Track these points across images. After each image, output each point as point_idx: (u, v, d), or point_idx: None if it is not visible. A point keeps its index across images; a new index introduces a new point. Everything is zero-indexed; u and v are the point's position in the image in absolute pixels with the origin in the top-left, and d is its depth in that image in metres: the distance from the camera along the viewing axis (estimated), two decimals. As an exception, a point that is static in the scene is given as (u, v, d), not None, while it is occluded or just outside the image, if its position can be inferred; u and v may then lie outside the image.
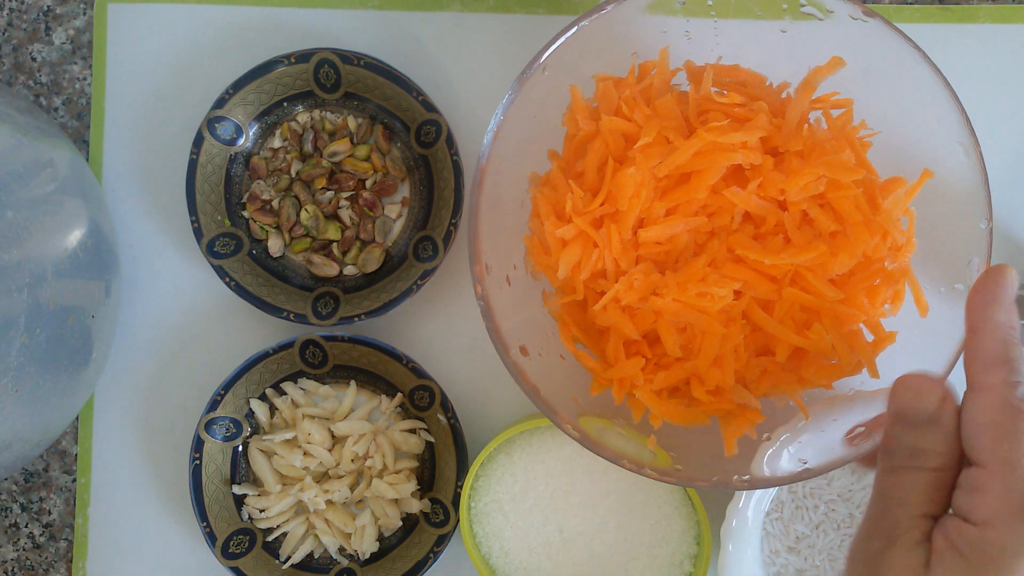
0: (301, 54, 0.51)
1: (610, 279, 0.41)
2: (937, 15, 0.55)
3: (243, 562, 0.51)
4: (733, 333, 0.39)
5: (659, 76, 0.42)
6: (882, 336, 0.40)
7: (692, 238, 0.40)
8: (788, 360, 0.40)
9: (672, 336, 0.40)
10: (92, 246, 0.47)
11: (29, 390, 0.42)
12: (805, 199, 0.39)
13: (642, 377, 0.41)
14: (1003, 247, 0.54)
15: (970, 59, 0.55)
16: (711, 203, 0.40)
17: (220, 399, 0.51)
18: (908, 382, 0.31)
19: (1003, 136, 0.55)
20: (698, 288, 0.38)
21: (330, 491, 0.52)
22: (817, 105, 0.41)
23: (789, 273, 0.39)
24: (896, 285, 0.39)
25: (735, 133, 0.38)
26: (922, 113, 0.39)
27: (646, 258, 0.41)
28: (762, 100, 0.41)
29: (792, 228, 0.39)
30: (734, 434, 0.39)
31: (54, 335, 0.43)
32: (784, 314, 0.39)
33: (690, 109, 0.40)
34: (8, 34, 0.56)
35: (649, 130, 0.39)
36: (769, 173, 0.39)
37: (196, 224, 0.51)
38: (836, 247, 0.39)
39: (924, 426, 0.30)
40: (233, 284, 0.51)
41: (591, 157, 0.41)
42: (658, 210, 0.39)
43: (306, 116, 0.54)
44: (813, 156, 0.39)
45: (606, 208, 0.40)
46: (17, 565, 0.55)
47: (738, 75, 0.43)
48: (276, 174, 0.53)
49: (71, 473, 0.55)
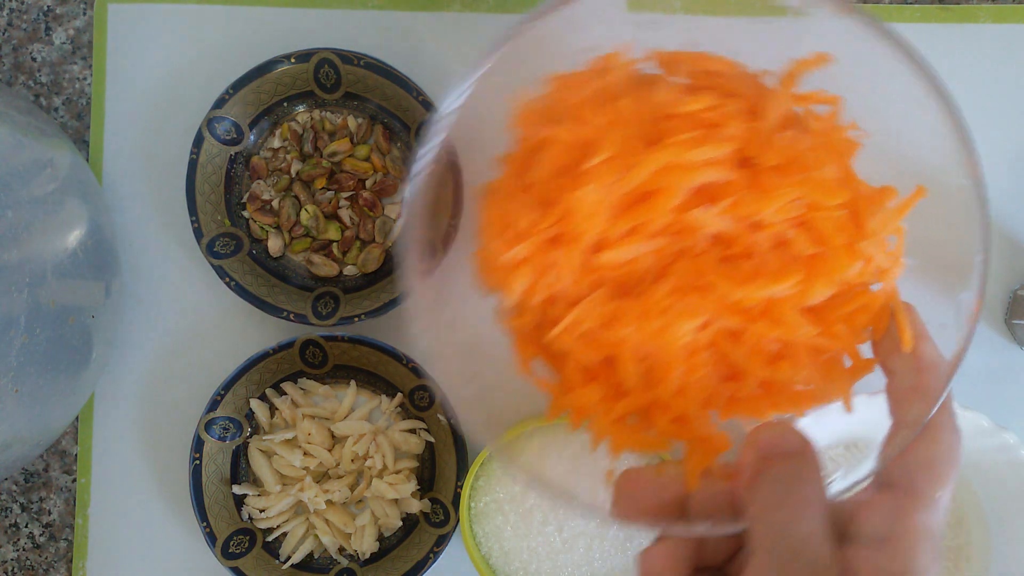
0: (301, 54, 0.51)
1: (563, 305, 0.37)
2: (937, 15, 0.55)
3: (243, 562, 0.51)
4: (697, 364, 0.36)
5: (621, 72, 0.37)
6: (860, 364, 0.36)
7: (656, 259, 0.36)
8: (759, 385, 0.37)
9: (631, 367, 0.36)
10: (92, 246, 0.47)
11: (29, 390, 0.42)
12: (782, 220, 0.35)
13: (600, 407, 0.37)
14: (1003, 247, 0.54)
15: (970, 59, 0.55)
16: (677, 221, 0.36)
17: (220, 399, 0.51)
18: (770, 426, 0.31)
19: (1003, 136, 0.55)
20: (660, 321, 0.35)
21: (330, 491, 0.52)
22: (801, 103, 0.37)
23: (761, 303, 0.35)
24: (880, 310, 0.36)
25: (701, 148, 0.34)
26: (914, 128, 0.36)
27: (605, 281, 0.37)
28: (739, 95, 0.37)
29: (765, 252, 0.35)
30: (697, 467, 0.35)
31: (54, 335, 0.43)
32: (754, 345, 0.36)
33: (655, 111, 0.36)
34: (8, 34, 0.56)
35: (607, 143, 0.35)
36: (741, 192, 0.35)
37: (196, 224, 0.51)
38: (814, 273, 0.35)
39: (797, 457, 0.30)
40: (233, 284, 0.51)
41: (543, 167, 0.37)
42: (618, 230, 0.36)
43: (306, 116, 0.54)
44: (792, 171, 0.35)
45: (561, 227, 0.36)
46: (17, 565, 0.55)
47: (712, 64, 0.38)
48: (276, 174, 0.53)
49: (71, 473, 0.55)
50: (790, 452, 0.30)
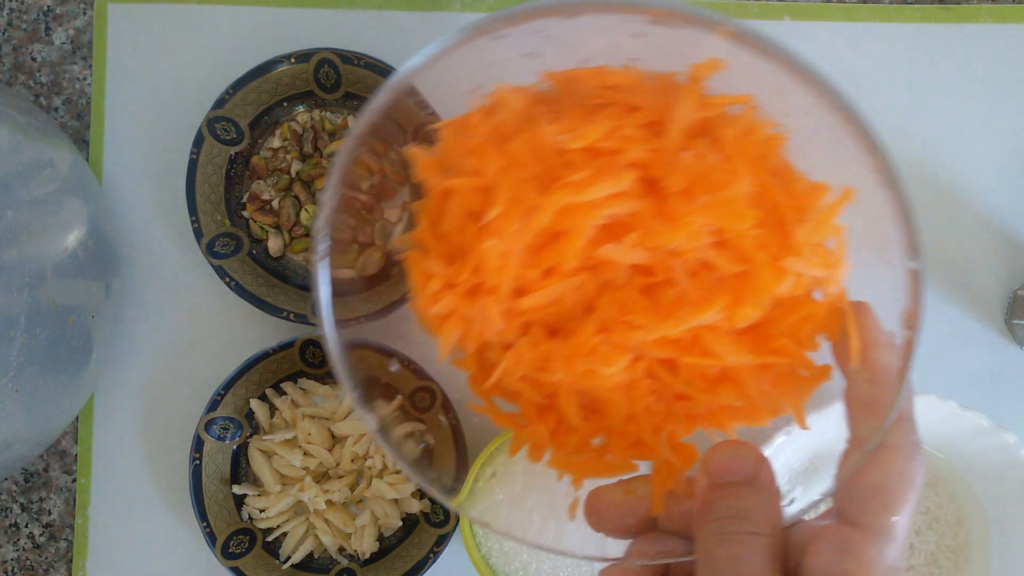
0: (301, 54, 0.51)
1: (498, 351, 0.36)
2: (937, 15, 0.55)
3: (243, 562, 0.51)
4: (638, 396, 0.34)
5: (507, 112, 0.35)
6: (815, 372, 0.34)
7: (581, 294, 0.35)
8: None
9: (572, 407, 0.35)
10: (92, 246, 0.47)
11: (29, 390, 0.42)
12: (696, 246, 0.33)
13: (553, 441, 0.36)
14: (1003, 247, 0.54)
15: (970, 59, 0.55)
16: (592, 257, 0.34)
17: (220, 399, 0.51)
18: (722, 447, 0.30)
19: (1003, 136, 0.55)
20: (585, 364, 0.34)
21: (330, 491, 0.52)
22: (708, 109, 0.34)
23: (688, 333, 0.33)
24: (830, 315, 0.34)
25: (597, 186, 0.32)
26: (821, 129, 0.33)
27: (533, 323, 0.35)
28: (642, 107, 0.35)
29: (684, 280, 0.33)
30: (661, 489, 0.34)
31: (54, 335, 0.43)
32: (691, 373, 0.34)
33: (546, 153, 0.34)
34: (8, 34, 0.56)
35: (501, 193, 0.33)
36: (647, 222, 0.33)
37: (196, 224, 0.51)
38: (739, 296, 0.33)
39: (744, 487, 0.29)
40: (233, 284, 0.51)
41: (449, 218, 0.36)
42: (534, 275, 0.34)
43: (306, 116, 0.54)
44: (698, 194, 0.33)
45: (477, 276, 0.35)
46: (17, 565, 0.55)
47: (611, 78, 0.36)
48: (276, 174, 0.53)
49: (71, 473, 0.55)
50: (739, 481, 0.29)
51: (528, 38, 0.35)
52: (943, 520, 0.52)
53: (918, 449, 0.28)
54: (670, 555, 0.31)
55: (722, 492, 0.29)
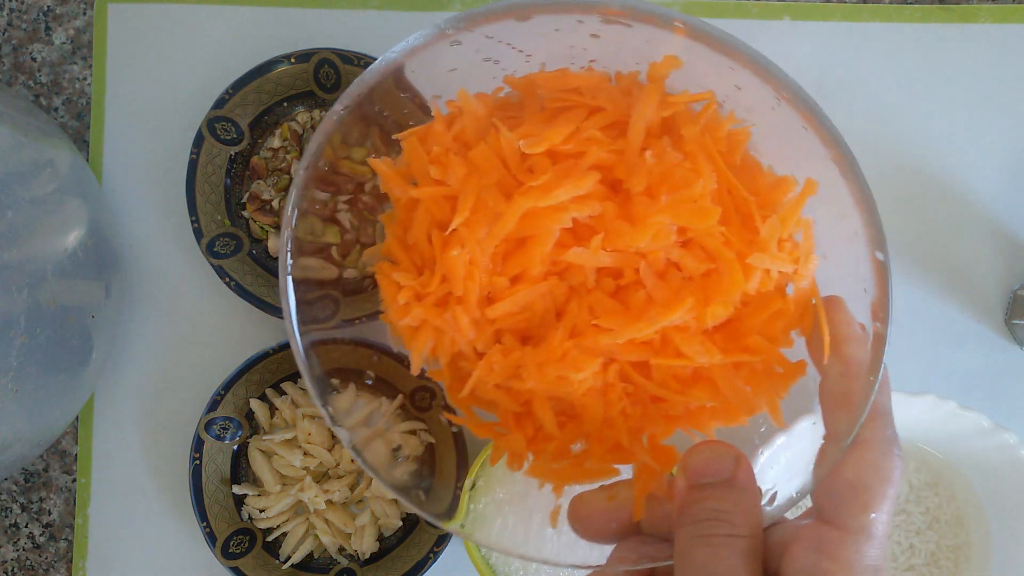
0: (301, 54, 0.51)
1: (471, 360, 0.36)
2: (937, 15, 0.55)
3: (243, 562, 0.51)
4: (613, 400, 0.34)
5: (469, 119, 0.35)
6: (789, 369, 0.33)
7: (551, 300, 0.35)
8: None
9: (547, 414, 0.35)
10: (92, 246, 0.47)
11: (29, 390, 0.42)
12: (662, 246, 0.33)
13: (532, 448, 0.36)
14: (1003, 247, 0.54)
15: (970, 59, 0.55)
16: (560, 261, 0.34)
17: (220, 399, 0.51)
18: (700, 447, 0.29)
19: (1003, 136, 0.55)
20: (557, 370, 0.33)
21: (330, 491, 0.52)
22: (669, 107, 0.34)
23: (659, 334, 0.33)
24: (802, 310, 0.33)
25: (559, 189, 0.32)
26: (791, 125, 0.32)
27: (505, 331, 0.35)
28: (604, 108, 0.34)
29: (651, 281, 0.33)
30: (641, 493, 0.34)
31: (54, 335, 0.43)
32: (664, 375, 0.34)
33: (508, 158, 0.34)
34: (8, 34, 0.56)
35: (465, 200, 0.33)
36: (612, 224, 0.32)
37: (196, 224, 0.51)
38: (709, 293, 0.32)
39: (722, 488, 0.28)
40: (233, 284, 0.51)
41: (416, 229, 0.36)
42: (502, 282, 0.34)
43: (306, 116, 0.54)
44: (660, 193, 0.32)
45: (446, 287, 0.34)
46: (17, 565, 0.55)
47: (568, 82, 0.35)
48: (276, 174, 0.53)
49: (71, 473, 0.55)
50: (717, 482, 0.28)
51: (485, 43, 0.34)
52: (943, 520, 0.52)
53: (894, 444, 0.28)
54: (653, 559, 0.31)
55: (700, 493, 0.28)
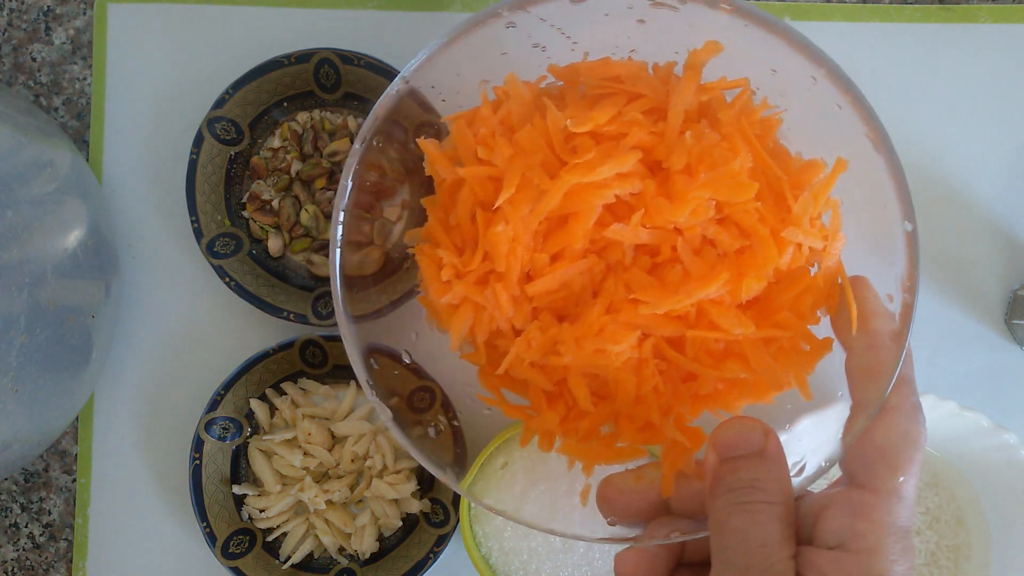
0: (301, 54, 0.51)
1: (508, 338, 0.37)
2: (937, 15, 0.55)
3: (243, 562, 0.51)
4: (647, 376, 0.35)
5: (516, 103, 0.36)
6: (816, 346, 0.35)
7: (588, 278, 0.36)
8: (718, 381, 0.36)
9: (583, 390, 0.36)
10: (92, 246, 0.47)
11: (29, 390, 0.42)
12: (699, 222, 0.34)
13: (563, 428, 0.37)
14: (1003, 247, 0.54)
15: (970, 59, 0.55)
16: (599, 239, 0.35)
17: (220, 399, 0.51)
18: (730, 423, 0.30)
19: (1003, 136, 0.55)
20: (595, 344, 0.34)
21: (330, 491, 0.52)
22: (706, 93, 0.35)
23: (694, 308, 0.34)
24: (829, 288, 0.35)
25: (603, 166, 0.33)
26: (819, 104, 0.34)
27: (543, 309, 0.36)
28: (644, 95, 0.36)
29: (688, 256, 0.34)
30: (670, 471, 0.34)
31: (54, 335, 0.43)
32: (698, 350, 0.35)
33: (553, 139, 0.35)
34: (8, 34, 0.56)
35: (511, 178, 0.34)
36: (652, 201, 0.34)
37: (196, 224, 0.51)
38: (742, 270, 0.33)
39: (754, 459, 0.29)
40: (233, 284, 0.51)
41: (460, 209, 0.37)
42: (542, 260, 0.35)
43: (306, 116, 0.54)
44: (699, 171, 0.34)
45: (488, 265, 0.36)
46: (17, 565, 0.55)
47: (613, 69, 0.37)
48: (276, 174, 0.53)
49: (71, 473, 0.55)
50: (748, 454, 0.29)
51: (537, 27, 0.36)
52: (943, 520, 0.52)
53: (919, 410, 0.30)
54: (684, 534, 0.32)
55: (733, 465, 0.29)
